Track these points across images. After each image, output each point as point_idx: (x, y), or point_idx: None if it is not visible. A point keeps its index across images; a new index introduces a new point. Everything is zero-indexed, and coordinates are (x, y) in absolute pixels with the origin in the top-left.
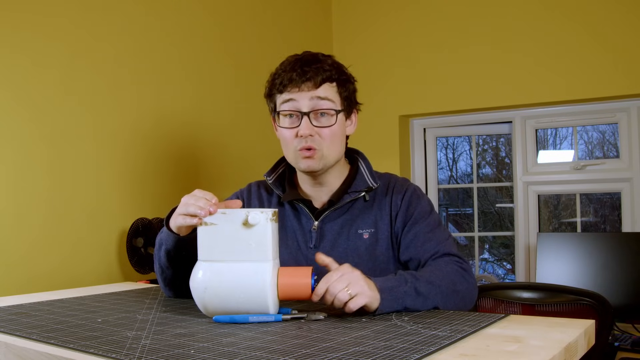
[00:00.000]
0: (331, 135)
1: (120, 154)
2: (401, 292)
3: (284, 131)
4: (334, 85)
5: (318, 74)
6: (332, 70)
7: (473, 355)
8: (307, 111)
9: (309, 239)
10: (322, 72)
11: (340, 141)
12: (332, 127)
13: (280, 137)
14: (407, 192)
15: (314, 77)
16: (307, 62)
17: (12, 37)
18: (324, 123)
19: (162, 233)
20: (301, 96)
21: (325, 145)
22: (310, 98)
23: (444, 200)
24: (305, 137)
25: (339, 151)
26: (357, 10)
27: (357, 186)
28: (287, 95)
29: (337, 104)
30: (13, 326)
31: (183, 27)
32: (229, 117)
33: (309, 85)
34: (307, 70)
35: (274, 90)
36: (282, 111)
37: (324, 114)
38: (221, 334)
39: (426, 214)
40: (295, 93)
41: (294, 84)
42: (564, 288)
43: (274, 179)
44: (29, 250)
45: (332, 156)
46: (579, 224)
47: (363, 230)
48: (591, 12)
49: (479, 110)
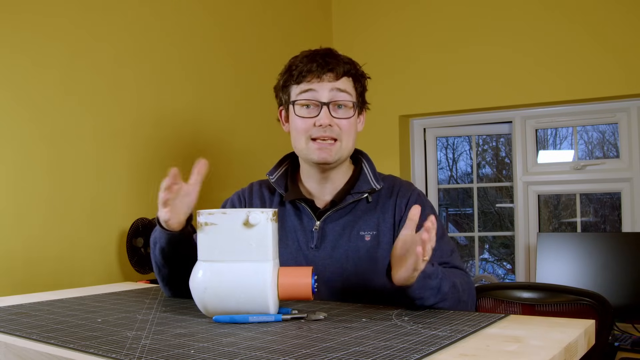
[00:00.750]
0: (349, 127)
1: (120, 153)
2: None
3: (299, 121)
4: (351, 80)
5: (339, 66)
6: (351, 65)
7: (473, 355)
8: (327, 102)
9: (310, 239)
10: (343, 64)
11: (355, 135)
12: (350, 119)
13: (292, 128)
14: (412, 196)
15: (336, 68)
16: (326, 55)
17: (12, 37)
18: (342, 115)
19: (155, 232)
20: (321, 86)
21: (344, 136)
22: (331, 89)
23: (444, 200)
24: (325, 126)
25: (353, 146)
26: (357, 10)
27: (360, 187)
28: (306, 86)
29: (354, 98)
30: (13, 326)
31: (183, 27)
32: (229, 116)
33: (330, 77)
34: (329, 61)
35: (290, 81)
36: (300, 100)
37: (341, 106)
38: (221, 334)
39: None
40: (315, 83)
41: (315, 74)
42: (564, 288)
43: (276, 178)
44: (29, 251)
45: (348, 149)
46: (579, 224)
47: (365, 232)
48: (591, 12)
49: (479, 110)
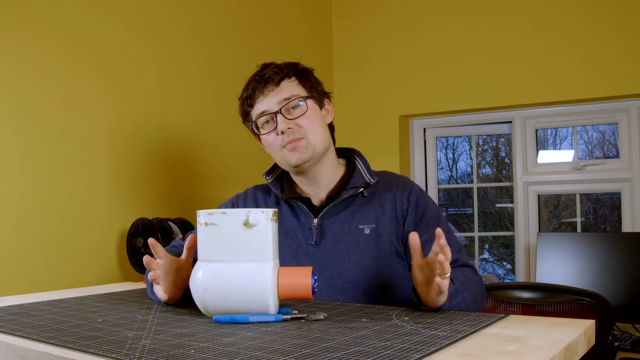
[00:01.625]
0: (308, 122)
1: (120, 153)
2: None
3: (267, 138)
4: (293, 80)
5: (274, 75)
6: (286, 68)
7: (473, 355)
8: (278, 109)
9: (310, 236)
10: (278, 72)
11: (321, 127)
12: (305, 114)
13: (267, 147)
14: (413, 191)
15: (272, 78)
16: (261, 70)
17: (13, 37)
18: (296, 114)
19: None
20: (268, 100)
21: (308, 132)
22: (278, 102)
23: (444, 200)
24: (286, 131)
25: (324, 137)
26: (357, 10)
27: (355, 182)
28: (257, 107)
29: (303, 93)
30: (13, 326)
31: (183, 28)
32: (230, 116)
33: (271, 87)
34: (263, 75)
35: (246, 108)
36: (259, 121)
37: (294, 107)
38: (221, 334)
39: (437, 218)
40: (261, 101)
41: (258, 92)
42: (564, 288)
43: (272, 179)
44: (29, 250)
45: (319, 142)
46: (579, 224)
47: (364, 226)
48: (591, 12)
49: (479, 110)
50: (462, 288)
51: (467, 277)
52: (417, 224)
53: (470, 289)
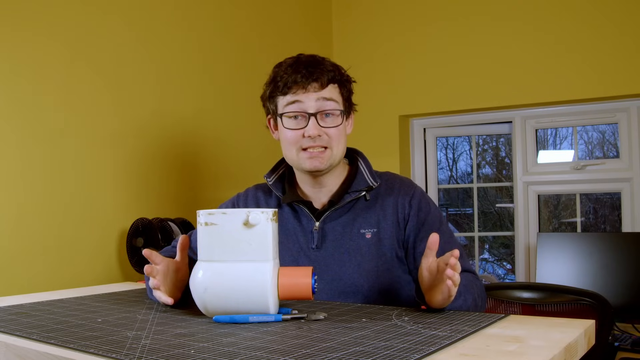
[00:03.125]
0: (338, 135)
1: (120, 153)
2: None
3: (288, 132)
4: (336, 87)
5: (323, 75)
6: (335, 71)
7: (473, 355)
8: (314, 112)
9: (311, 239)
10: (327, 72)
11: (344, 140)
12: (339, 127)
13: (282, 139)
14: (415, 195)
15: (320, 77)
16: (309, 64)
17: (13, 37)
18: (330, 123)
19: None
20: (307, 97)
21: (334, 144)
22: (317, 99)
23: (444, 200)
24: (314, 137)
25: (343, 151)
26: (357, 10)
27: (358, 185)
28: (292, 97)
29: (340, 105)
30: (13, 326)
31: (183, 28)
32: (230, 116)
33: (315, 87)
34: (312, 71)
35: (275, 92)
36: (287, 113)
37: (329, 114)
38: (221, 334)
39: (440, 222)
40: (301, 94)
41: (300, 85)
42: (564, 288)
43: (274, 180)
44: (29, 250)
45: (338, 155)
46: (579, 224)
47: (365, 230)
48: (591, 12)
49: (479, 110)
50: (464, 290)
51: (469, 281)
52: (419, 229)
53: (472, 292)
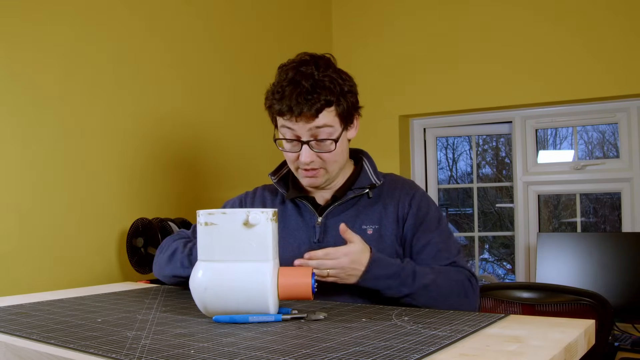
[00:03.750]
0: (332, 157)
1: (120, 153)
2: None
3: (285, 153)
4: (332, 109)
5: (314, 104)
6: (329, 94)
7: (473, 355)
8: (307, 140)
9: (313, 234)
10: (318, 101)
11: (342, 156)
12: (333, 152)
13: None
14: (416, 195)
15: (311, 108)
16: (301, 90)
17: (14, 37)
18: (324, 149)
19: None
20: (299, 127)
21: (329, 165)
22: (309, 129)
23: (444, 200)
24: (307, 162)
25: (342, 164)
26: (357, 10)
27: (361, 183)
28: (286, 122)
29: (336, 128)
30: (13, 326)
31: (183, 28)
32: (230, 116)
33: (307, 116)
34: (302, 102)
35: (273, 108)
36: (282, 132)
37: (323, 140)
38: (221, 334)
39: (438, 222)
40: (293, 123)
41: (292, 114)
42: (564, 288)
43: (278, 179)
44: (29, 250)
45: (336, 172)
46: (579, 224)
47: (367, 226)
48: (591, 13)
49: (479, 110)
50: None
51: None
52: (417, 227)
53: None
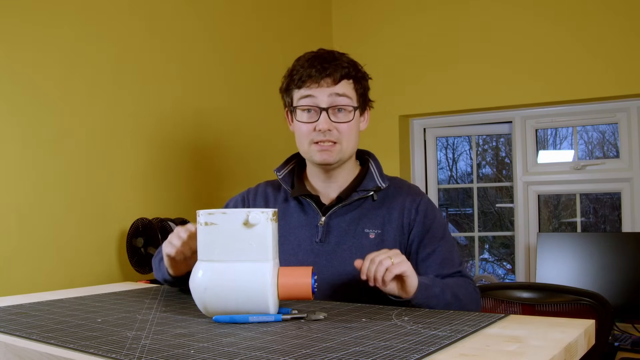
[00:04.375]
0: (349, 131)
1: (120, 153)
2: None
3: (301, 125)
4: (351, 82)
5: (337, 71)
6: (350, 67)
7: (473, 355)
8: (326, 107)
9: (315, 233)
10: (341, 68)
11: (356, 136)
12: (349, 123)
13: (296, 131)
14: (422, 202)
15: (333, 73)
16: (325, 59)
17: (14, 37)
18: (341, 119)
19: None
20: (320, 92)
21: (344, 139)
22: (329, 94)
23: (444, 200)
24: (324, 131)
25: (354, 146)
26: (356, 10)
27: (367, 185)
28: (306, 91)
29: (354, 101)
30: (13, 326)
31: (185, 27)
32: (230, 116)
33: (328, 82)
34: (327, 66)
35: (291, 85)
36: (300, 106)
37: (341, 109)
38: (221, 334)
39: (444, 230)
40: (314, 89)
41: (313, 79)
42: (564, 288)
43: (283, 175)
44: (29, 250)
45: (349, 150)
46: (579, 224)
47: (370, 230)
48: (591, 13)
49: (479, 110)
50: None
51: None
52: (423, 235)
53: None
